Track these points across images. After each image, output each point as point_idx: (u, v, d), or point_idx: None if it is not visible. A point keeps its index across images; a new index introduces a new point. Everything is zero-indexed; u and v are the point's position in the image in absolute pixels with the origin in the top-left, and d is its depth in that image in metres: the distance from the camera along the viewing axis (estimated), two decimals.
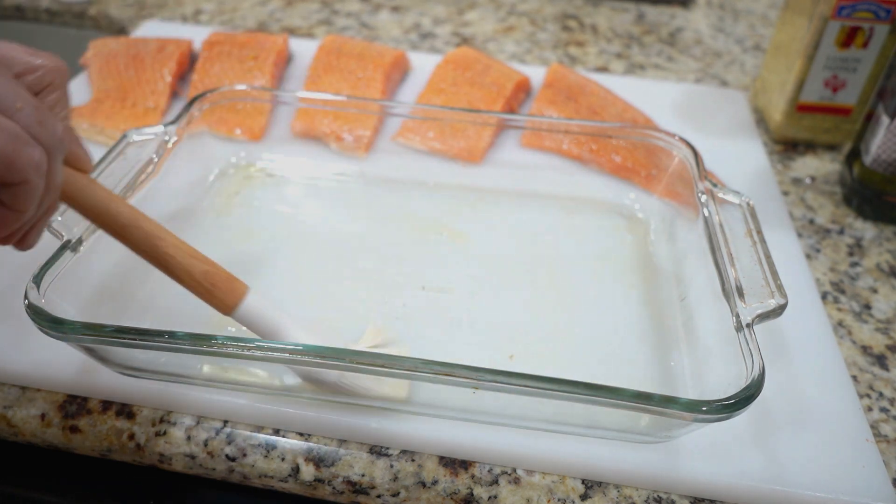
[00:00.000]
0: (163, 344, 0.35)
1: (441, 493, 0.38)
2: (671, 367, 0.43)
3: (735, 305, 0.39)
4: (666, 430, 0.38)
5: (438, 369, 0.34)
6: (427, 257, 0.50)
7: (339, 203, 0.56)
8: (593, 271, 0.50)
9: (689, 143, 0.51)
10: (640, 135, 0.53)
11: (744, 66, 0.80)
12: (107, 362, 0.40)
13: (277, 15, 0.86)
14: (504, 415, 0.39)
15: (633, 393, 0.33)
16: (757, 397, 0.34)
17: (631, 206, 0.56)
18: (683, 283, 0.47)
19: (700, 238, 0.45)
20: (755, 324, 0.37)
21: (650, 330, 0.46)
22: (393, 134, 0.61)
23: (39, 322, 0.36)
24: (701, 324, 0.44)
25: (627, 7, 0.92)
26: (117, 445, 0.40)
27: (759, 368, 0.35)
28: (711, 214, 0.45)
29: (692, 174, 0.49)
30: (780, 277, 0.40)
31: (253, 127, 0.60)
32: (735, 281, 0.40)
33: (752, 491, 0.38)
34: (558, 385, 0.34)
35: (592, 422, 0.38)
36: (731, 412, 0.33)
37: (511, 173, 0.58)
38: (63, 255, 0.39)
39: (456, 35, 0.84)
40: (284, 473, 0.39)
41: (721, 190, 0.46)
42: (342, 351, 0.35)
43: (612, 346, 0.45)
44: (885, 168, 0.55)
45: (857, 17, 0.58)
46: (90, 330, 0.35)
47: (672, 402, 0.33)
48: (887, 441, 0.41)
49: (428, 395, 0.39)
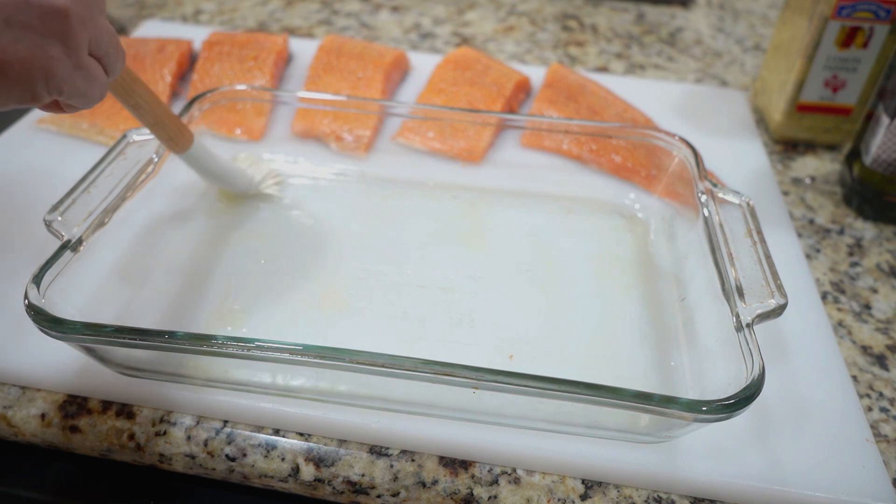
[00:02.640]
0: (163, 344, 0.35)
1: (441, 493, 0.38)
2: (671, 367, 0.43)
3: (735, 305, 0.39)
4: (666, 429, 0.38)
5: (438, 369, 0.34)
6: (427, 257, 0.50)
7: (338, 203, 0.56)
8: (593, 271, 0.50)
9: (689, 143, 0.51)
10: (640, 135, 0.53)
11: (744, 66, 0.80)
12: (107, 362, 0.40)
13: (277, 15, 0.86)
14: (504, 415, 0.39)
15: (634, 393, 0.33)
16: (757, 397, 0.34)
17: (631, 206, 0.56)
18: (683, 284, 0.47)
19: (700, 238, 0.45)
20: (755, 324, 0.37)
21: (650, 330, 0.46)
22: (393, 134, 0.61)
23: (40, 322, 0.36)
24: (701, 324, 0.44)
25: (627, 7, 0.92)
26: (117, 445, 0.40)
27: (759, 368, 0.35)
28: (711, 214, 0.45)
29: (692, 174, 0.49)
30: (780, 277, 0.40)
31: (253, 127, 0.60)
32: (735, 281, 0.40)
33: (752, 491, 0.38)
34: (559, 385, 0.34)
35: (593, 422, 0.38)
36: (732, 412, 0.33)
37: (511, 173, 0.58)
38: (63, 254, 0.39)
39: (456, 35, 0.84)
40: (284, 473, 0.39)
41: (721, 190, 0.46)
42: (342, 351, 0.35)
43: (613, 346, 0.45)
44: (885, 168, 0.55)
45: (857, 17, 0.58)
46: (90, 330, 0.35)
47: (672, 402, 0.33)
48: (887, 441, 0.41)
49: (427, 395, 0.39)
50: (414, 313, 0.46)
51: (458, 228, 0.53)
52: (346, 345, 0.35)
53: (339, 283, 0.48)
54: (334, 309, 0.46)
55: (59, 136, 0.60)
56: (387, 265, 0.50)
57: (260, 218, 0.53)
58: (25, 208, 0.52)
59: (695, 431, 0.39)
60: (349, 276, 0.49)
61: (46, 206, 0.42)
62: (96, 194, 0.43)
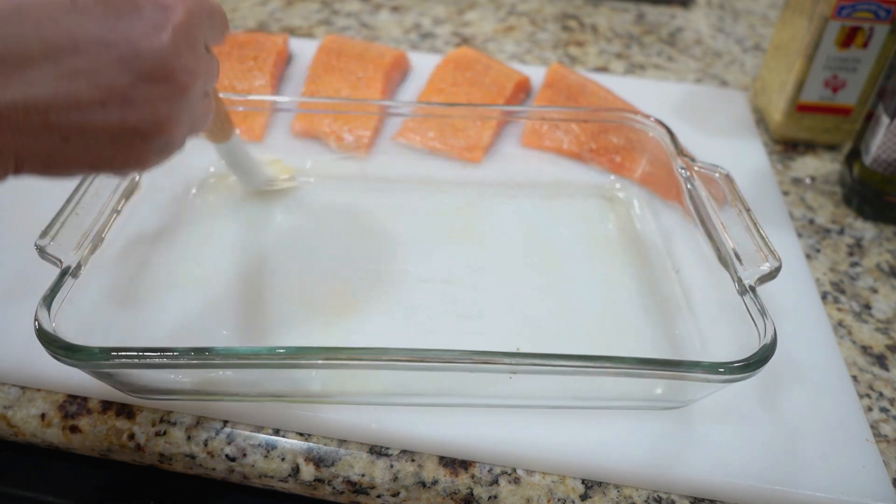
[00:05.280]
0: (194, 362, 0.35)
1: (441, 493, 0.38)
2: (677, 336, 0.45)
3: (736, 271, 0.40)
4: (685, 395, 0.39)
5: (478, 358, 0.35)
6: (429, 254, 0.51)
7: (340, 203, 0.56)
8: (587, 253, 0.51)
9: (663, 123, 0.52)
10: (618, 118, 0.55)
11: (744, 66, 0.80)
12: (125, 386, 0.39)
13: (277, 15, 0.86)
14: (531, 396, 0.40)
15: (661, 361, 0.35)
16: (772, 357, 0.35)
17: (612, 186, 0.58)
18: (675, 257, 0.49)
19: (686, 211, 0.47)
20: (757, 286, 0.38)
21: (651, 303, 0.47)
22: (393, 134, 0.61)
23: (54, 350, 0.34)
24: (699, 293, 0.45)
25: (627, 7, 0.92)
26: (117, 445, 0.40)
27: (772, 328, 0.36)
28: (697, 187, 0.46)
29: (668, 151, 0.50)
30: (770, 241, 0.41)
31: (253, 127, 0.60)
32: (731, 248, 0.41)
33: (752, 491, 0.38)
34: (593, 361, 0.35)
35: (618, 394, 0.40)
36: (751, 372, 0.34)
37: (511, 172, 0.58)
38: (65, 281, 0.38)
39: (456, 35, 0.84)
40: (284, 473, 0.39)
41: (698, 164, 0.47)
42: (377, 350, 0.35)
43: (618, 322, 0.46)
44: (885, 168, 0.55)
45: (857, 17, 0.58)
46: (109, 355, 0.34)
47: (696, 366, 0.35)
48: (887, 441, 0.41)
49: (460, 386, 0.40)
50: (421, 308, 0.47)
51: (459, 225, 0.53)
52: (369, 344, 0.36)
53: (342, 282, 0.48)
54: (337, 306, 0.46)
55: None
56: (389, 263, 0.50)
57: (260, 217, 0.53)
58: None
59: (699, 416, 0.40)
60: (354, 276, 0.49)
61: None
62: (85, 216, 0.41)
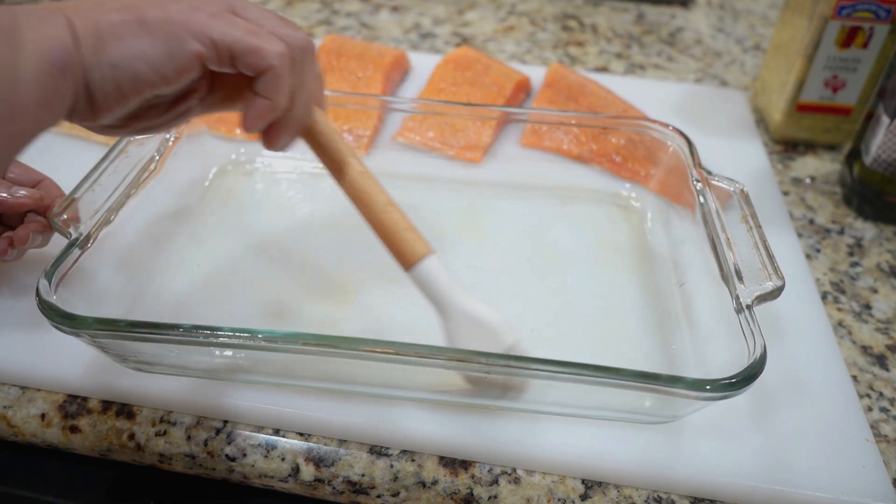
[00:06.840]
0: (175, 337, 0.36)
1: (441, 493, 0.38)
2: (673, 350, 0.44)
3: (734, 288, 0.40)
4: (671, 410, 0.38)
5: (452, 355, 0.35)
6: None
7: (340, 202, 0.55)
8: (592, 260, 0.51)
9: (683, 133, 0.52)
10: (635, 125, 0.55)
11: (744, 66, 0.80)
12: (120, 358, 0.40)
13: None
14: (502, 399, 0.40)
15: (639, 373, 0.34)
16: (759, 376, 0.34)
17: (627, 196, 0.57)
18: (681, 269, 0.49)
19: (697, 224, 0.46)
20: (755, 305, 0.38)
21: (651, 314, 0.47)
22: (393, 133, 0.61)
23: (52, 318, 0.36)
24: (700, 308, 0.45)
25: (627, 7, 0.92)
26: (117, 445, 0.40)
27: (760, 348, 0.35)
28: (708, 201, 0.46)
29: (686, 163, 0.50)
30: (776, 260, 0.40)
31: None
32: (734, 265, 0.41)
33: (752, 491, 0.38)
34: (567, 368, 0.34)
35: (599, 404, 0.39)
36: (735, 390, 0.34)
37: (511, 172, 0.58)
38: (72, 252, 0.39)
39: (456, 35, 0.84)
40: (284, 473, 0.39)
41: (715, 177, 0.47)
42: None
43: (615, 331, 0.46)
44: (885, 168, 0.55)
45: (857, 17, 0.58)
46: (103, 325, 0.35)
47: (678, 381, 0.34)
48: (887, 441, 0.41)
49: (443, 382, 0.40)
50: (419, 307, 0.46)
51: (459, 225, 0.53)
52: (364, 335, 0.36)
53: (344, 279, 0.48)
54: (340, 303, 0.47)
55: (59, 136, 0.60)
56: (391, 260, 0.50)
57: (260, 217, 0.53)
58: None
59: (697, 418, 0.39)
60: (354, 270, 0.49)
61: None
62: (101, 192, 0.43)
